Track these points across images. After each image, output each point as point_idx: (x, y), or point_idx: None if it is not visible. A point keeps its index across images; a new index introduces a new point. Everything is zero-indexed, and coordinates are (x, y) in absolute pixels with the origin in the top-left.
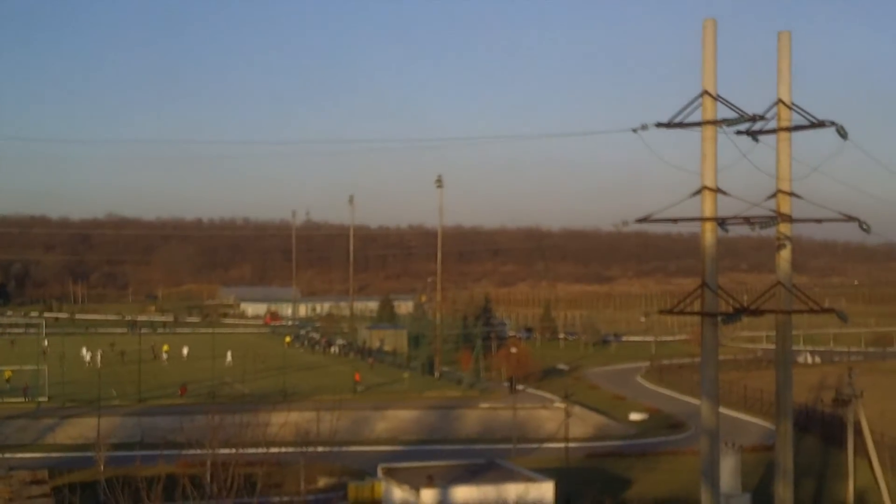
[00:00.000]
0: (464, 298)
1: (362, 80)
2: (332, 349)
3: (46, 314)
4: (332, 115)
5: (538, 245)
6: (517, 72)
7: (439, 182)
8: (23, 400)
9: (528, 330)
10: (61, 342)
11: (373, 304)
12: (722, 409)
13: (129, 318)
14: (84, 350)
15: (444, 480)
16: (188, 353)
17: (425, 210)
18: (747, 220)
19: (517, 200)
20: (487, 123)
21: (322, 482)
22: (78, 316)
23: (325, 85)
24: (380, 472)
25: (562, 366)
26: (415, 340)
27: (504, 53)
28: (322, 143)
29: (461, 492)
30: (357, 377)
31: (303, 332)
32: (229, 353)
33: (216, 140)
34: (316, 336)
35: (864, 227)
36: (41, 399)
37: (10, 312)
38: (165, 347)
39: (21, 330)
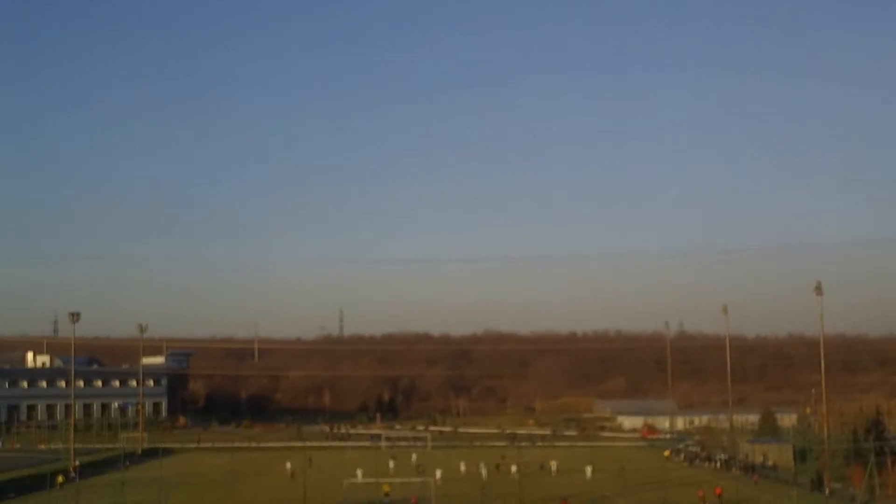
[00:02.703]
0: (852, 411)
1: (731, 187)
2: (713, 463)
3: (431, 427)
4: (700, 224)
5: None
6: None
7: (818, 289)
8: None
9: None
10: (445, 455)
11: (752, 417)
12: None
13: (507, 431)
14: (462, 464)
15: None
16: (559, 467)
17: (804, 318)
18: None
19: None
20: (867, 227)
21: None
22: (460, 429)
23: (692, 195)
24: None
25: None
26: (800, 455)
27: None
28: (694, 255)
29: None
30: (718, 491)
31: (681, 445)
32: (589, 468)
33: (583, 254)
34: (695, 450)
35: None
36: None
37: (398, 426)
38: (553, 463)
39: (407, 443)
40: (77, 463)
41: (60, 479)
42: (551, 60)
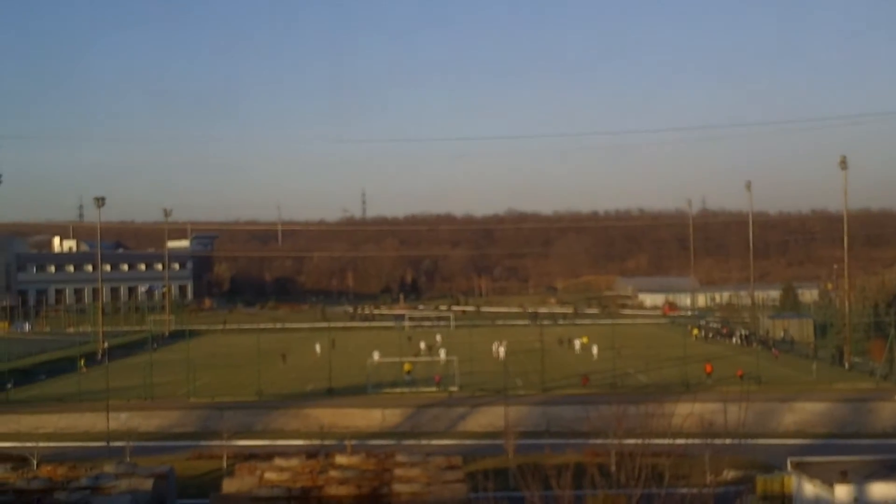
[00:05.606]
0: (873, 285)
1: (754, 59)
2: (733, 339)
3: (454, 307)
4: (723, 100)
5: None
6: None
7: (843, 163)
8: (435, 389)
9: None
10: (468, 333)
11: (774, 293)
12: None
13: (530, 310)
14: (495, 345)
15: (860, 476)
16: (585, 344)
17: (828, 193)
18: None
19: None
20: (893, 98)
21: (729, 475)
22: (483, 309)
23: (715, 71)
24: (789, 466)
25: None
26: (821, 330)
27: None
28: (716, 128)
29: (879, 488)
30: (708, 369)
31: (702, 322)
32: (595, 347)
33: (606, 131)
34: (716, 326)
35: None
36: (452, 389)
37: (421, 306)
38: (584, 339)
39: (430, 324)
40: (106, 345)
41: (82, 362)
42: None
